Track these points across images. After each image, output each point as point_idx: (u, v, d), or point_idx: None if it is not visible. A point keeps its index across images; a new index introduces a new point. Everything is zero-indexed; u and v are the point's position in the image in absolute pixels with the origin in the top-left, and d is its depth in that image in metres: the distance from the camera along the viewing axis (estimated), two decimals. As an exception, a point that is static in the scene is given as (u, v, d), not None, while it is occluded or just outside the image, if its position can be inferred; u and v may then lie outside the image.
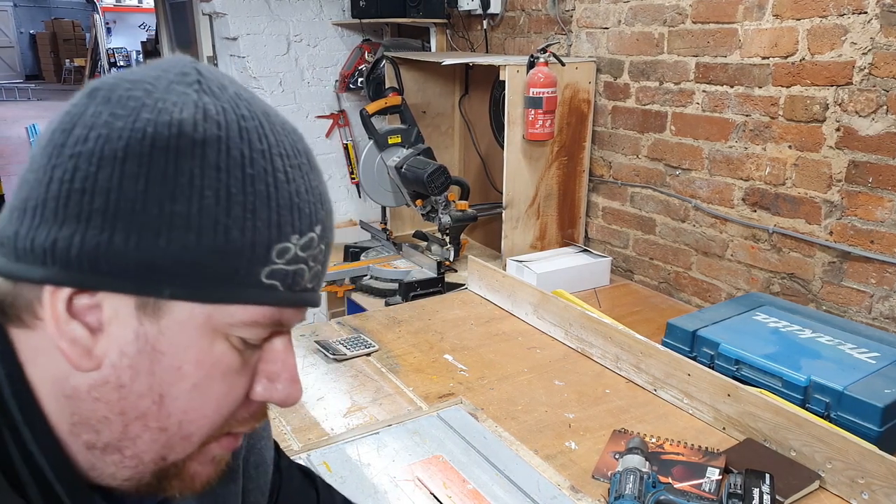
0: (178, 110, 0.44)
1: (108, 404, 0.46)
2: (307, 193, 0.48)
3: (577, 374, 1.55)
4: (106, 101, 0.44)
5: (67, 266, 0.43)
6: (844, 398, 1.28)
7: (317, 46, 3.13)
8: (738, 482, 1.12)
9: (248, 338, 0.48)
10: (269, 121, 0.49)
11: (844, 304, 1.69)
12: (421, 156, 2.45)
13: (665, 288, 2.19)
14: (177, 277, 0.43)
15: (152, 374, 0.45)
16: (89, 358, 0.45)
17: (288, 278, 0.47)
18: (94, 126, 0.44)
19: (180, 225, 0.43)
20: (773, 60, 1.76)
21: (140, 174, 0.42)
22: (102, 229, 0.42)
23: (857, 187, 1.63)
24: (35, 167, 0.45)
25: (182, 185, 0.43)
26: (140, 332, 0.45)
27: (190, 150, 0.43)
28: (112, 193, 0.42)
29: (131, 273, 0.43)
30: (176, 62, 0.48)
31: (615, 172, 2.31)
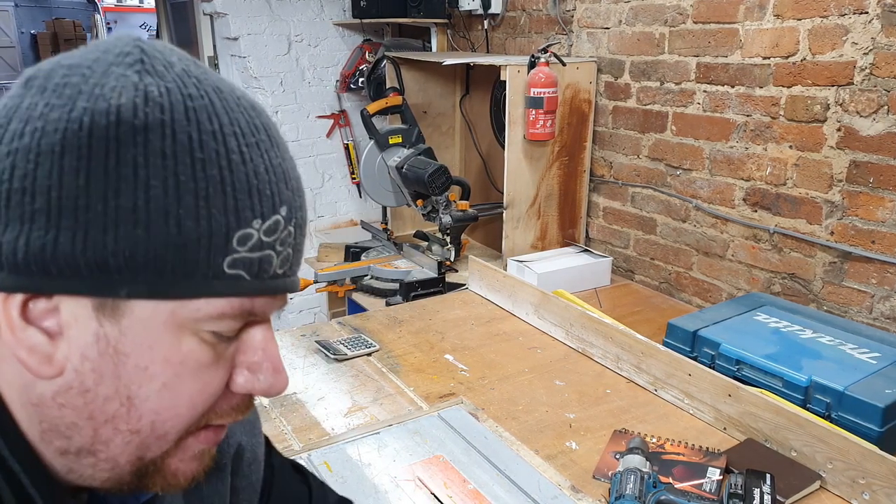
0: (116, 95, 0.41)
1: (75, 410, 0.44)
2: (267, 173, 0.45)
3: (578, 374, 1.55)
4: (41, 91, 0.42)
5: (16, 271, 0.41)
6: (845, 398, 1.28)
7: (318, 46, 3.14)
8: (739, 482, 1.12)
9: (219, 331, 0.45)
10: (222, 97, 0.44)
11: (845, 305, 1.69)
12: (422, 156, 2.45)
13: (666, 288, 2.19)
14: (132, 275, 0.41)
15: (117, 376, 0.43)
16: (50, 365, 0.43)
17: (254, 266, 0.44)
18: (29, 119, 0.41)
19: (128, 219, 0.40)
20: (773, 60, 1.76)
21: (80, 168, 0.40)
22: (47, 230, 0.40)
23: (857, 187, 1.63)
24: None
25: (126, 176, 0.40)
26: (100, 333, 0.42)
27: (131, 138, 0.40)
28: (52, 191, 0.40)
29: (83, 274, 0.41)
30: (117, 42, 0.44)
31: (616, 172, 2.31)
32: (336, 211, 3.36)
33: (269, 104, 3.07)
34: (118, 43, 0.44)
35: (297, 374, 1.53)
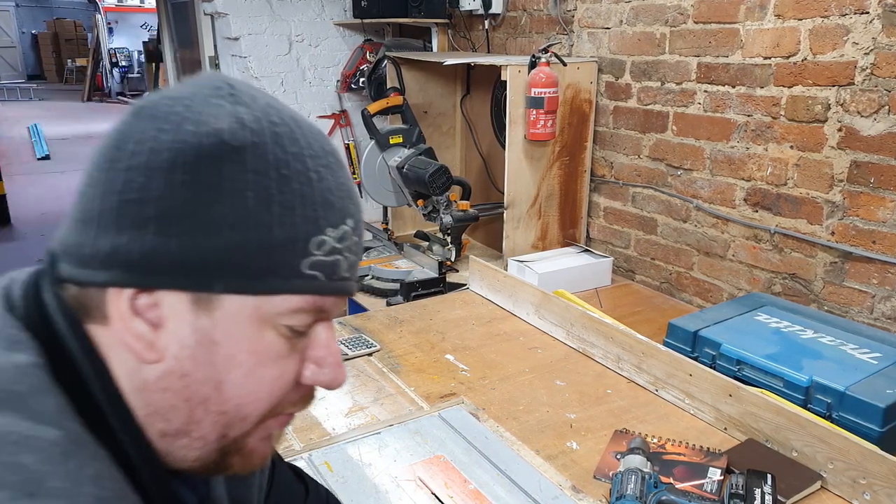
0: (216, 120, 0.48)
1: (175, 393, 0.50)
2: (337, 190, 0.52)
3: (579, 375, 1.55)
4: (151, 118, 0.49)
5: (128, 269, 0.47)
6: (846, 398, 1.28)
7: (318, 46, 3.14)
8: (740, 482, 1.12)
9: (294, 325, 0.52)
10: (298, 125, 0.52)
11: (846, 305, 1.69)
12: (422, 156, 2.45)
13: (666, 288, 2.19)
14: (226, 273, 0.48)
15: (210, 363, 0.50)
16: (153, 350, 0.49)
17: (327, 268, 0.51)
18: (142, 141, 0.48)
19: (226, 225, 0.47)
20: (774, 60, 1.76)
21: (187, 181, 0.47)
22: (157, 234, 0.47)
23: (858, 187, 1.63)
24: (92, 182, 0.49)
25: (225, 188, 0.47)
26: (196, 325, 0.49)
27: (230, 157, 0.47)
28: (163, 201, 0.47)
29: (185, 272, 0.47)
30: (209, 78, 0.52)
31: (616, 172, 2.31)
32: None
33: (270, 104, 3.07)
34: (210, 79, 0.52)
35: (297, 374, 1.52)
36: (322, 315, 0.54)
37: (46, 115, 12.08)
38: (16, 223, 6.00)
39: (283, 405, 0.54)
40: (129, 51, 15.33)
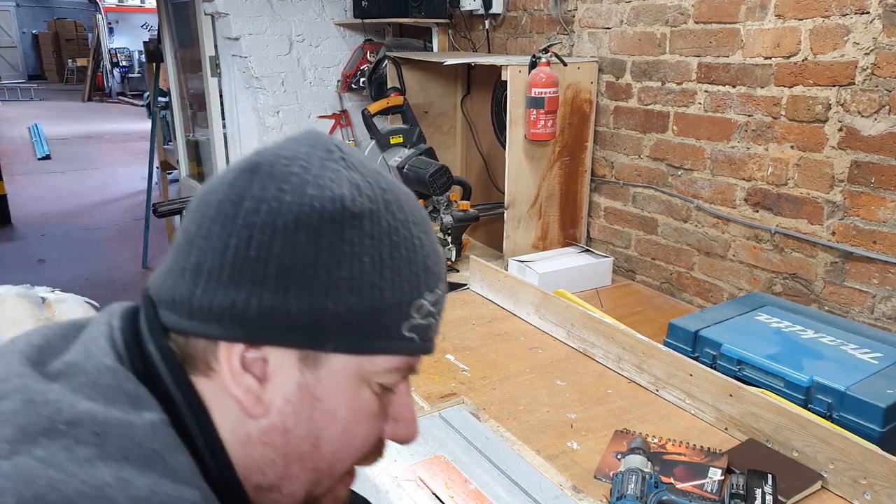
0: (337, 186, 0.50)
1: (275, 448, 0.52)
2: (434, 255, 0.56)
3: (579, 375, 1.55)
4: (269, 177, 0.50)
5: (242, 325, 0.48)
6: (846, 399, 1.28)
7: (319, 46, 3.14)
8: (741, 482, 1.12)
9: (386, 383, 0.54)
10: (400, 192, 0.55)
11: (846, 305, 1.69)
12: (423, 156, 2.45)
13: (667, 288, 2.19)
14: (339, 333, 0.50)
15: (311, 419, 0.51)
16: (260, 405, 0.50)
17: (422, 331, 0.54)
18: (262, 199, 0.49)
19: (344, 287, 0.49)
20: (775, 60, 1.76)
21: (310, 243, 0.48)
22: (277, 292, 0.48)
23: (859, 187, 1.63)
24: (205, 234, 0.49)
25: (345, 252, 0.49)
26: (301, 381, 0.51)
27: (350, 222, 0.49)
28: (286, 260, 0.48)
29: (300, 330, 0.49)
30: (317, 139, 0.54)
31: (617, 172, 2.31)
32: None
33: (271, 104, 3.07)
34: (318, 140, 0.54)
35: (298, 374, 1.53)
36: (409, 373, 0.56)
37: (47, 115, 12.08)
38: (16, 223, 6.00)
39: (357, 462, 0.56)
40: (129, 51, 15.34)
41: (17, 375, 0.47)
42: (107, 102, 15.08)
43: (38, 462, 0.42)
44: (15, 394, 0.46)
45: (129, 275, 5.20)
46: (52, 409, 0.45)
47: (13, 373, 0.48)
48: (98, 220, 6.20)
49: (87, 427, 0.44)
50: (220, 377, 0.50)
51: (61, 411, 0.45)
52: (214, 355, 0.50)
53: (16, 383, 0.47)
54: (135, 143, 9.45)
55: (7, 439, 0.43)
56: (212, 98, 3.28)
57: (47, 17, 18.33)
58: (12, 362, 0.49)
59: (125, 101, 14.94)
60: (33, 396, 0.45)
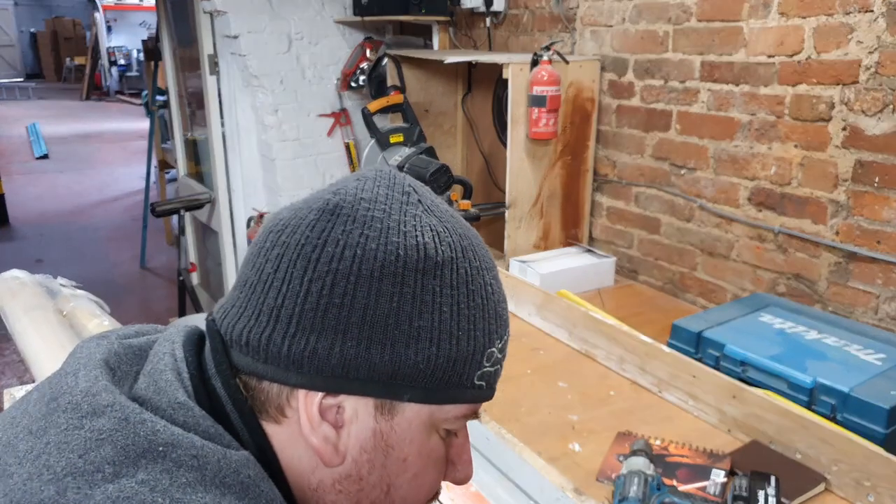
0: (420, 234, 0.50)
1: (349, 496, 0.52)
2: (503, 301, 0.55)
3: (581, 376, 1.54)
4: (352, 220, 0.49)
5: (321, 372, 0.48)
6: (850, 400, 1.27)
7: (318, 44, 3.12)
8: (744, 484, 1.11)
9: (452, 429, 0.55)
10: (472, 235, 0.54)
11: (850, 305, 1.68)
12: (423, 155, 2.44)
13: (670, 289, 2.18)
14: (416, 383, 0.49)
15: (384, 467, 0.51)
16: (337, 454, 0.50)
17: (490, 378, 0.54)
18: (347, 245, 0.48)
19: (425, 338, 0.48)
20: (778, 59, 1.75)
21: (394, 292, 0.48)
22: (359, 341, 0.47)
23: (863, 187, 1.62)
24: (286, 277, 0.48)
25: (427, 302, 0.49)
26: (377, 429, 0.50)
27: (433, 271, 0.49)
28: (369, 309, 0.47)
29: (381, 380, 0.48)
30: (393, 181, 0.53)
31: (619, 172, 2.30)
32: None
33: (270, 103, 3.06)
34: (394, 181, 0.53)
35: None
36: (472, 418, 0.57)
37: (45, 115, 12.06)
38: (14, 223, 5.99)
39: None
40: (127, 49, 15.31)
41: (107, 391, 0.46)
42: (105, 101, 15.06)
43: (142, 487, 0.41)
44: (109, 411, 0.45)
45: (127, 274, 5.19)
46: (148, 430, 0.44)
47: (102, 388, 0.46)
48: (96, 220, 6.19)
49: (185, 450, 0.43)
50: (292, 423, 0.50)
51: (158, 432, 0.44)
52: (288, 402, 0.49)
53: (107, 399, 0.45)
54: (133, 142, 9.44)
55: (109, 460, 0.42)
56: (210, 97, 3.27)
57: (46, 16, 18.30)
58: (98, 376, 0.47)
59: (123, 99, 14.92)
60: (128, 415, 0.44)
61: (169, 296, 4.61)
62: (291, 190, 3.19)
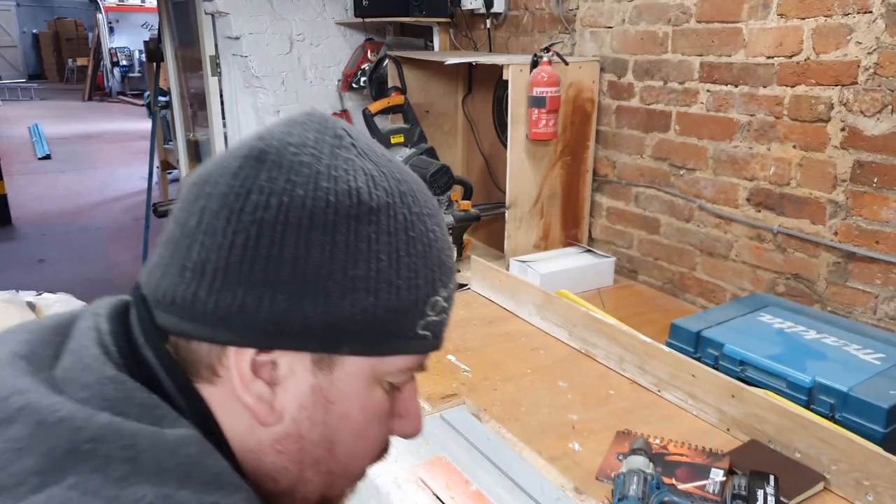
0: (352, 178, 0.47)
1: (289, 455, 0.49)
2: (448, 248, 0.53)
3: (581, 376, 1.55)
4: (278, 167, 0.46)
5: (252, 329, 0.45)
6: (849, 399, 1.27)
7: (319, 45, 3.13)
8: (743, 483, 1.11)
9: (396, 382, 0.52)
10: (413, 180, 0.52)
11: (849, 305, 1.69)
12: (424, 155, 2.45)
13: (669, 288, 2.18)
14: (355, 335, 0.47)
15: (325, 423, 0.49)
16: (272, 412, 0.48)
17: (436, 327, 0.52)
18: (272, 192, 0.45)
19: (362, 288, 0.46)
20: (777, 60, 1.75)
21: (325, 241, 0.45)
22: (290, 294, 0.44)
23: (862, 187, 1.62)
24: (209, 230, 0.45)
25: (362, 250, 0.46)
26: (315, 385, 0.48)
27: (367, 217, 0.46)
28: (299, 260, 0.44)
29: (315, 334, 0.46)
30: (324, 123, 0.50)
31: (619, 172, 2.31)
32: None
33: (271, 104, 3.07)
34: (326, 124, 0.50)
35: (299, 375, 1.52)
36: (419, 370, 0.54)
37: (47, 115, 12.08)
38: (16, 223, 6.00)
39: (370, 462, 0.55)
40: (129, 50, 15.33)
41: (17, 392, 0.43)
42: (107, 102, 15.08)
43: (72, 491, 0.39)
44: (22, 415, 0.41)
45: (129, 275, 5.20)
46: (68, 429, 0.41)
47: (11, 389, 0.43)
48: (98, 220, 6.20)
49: (114, 442, 0.41)
50: (226, 383, 0.47)
51: (80, 430, 0.41)
52: (220, 361, 0.47)
53: (17, 402, 0.42)
54: (135, 143, 9.45)
55: (33, 470, 0.39)
56: (212, 97, 3.28)
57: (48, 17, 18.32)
58: (6, 376, 0.44)
59: (125, 100, 14.94)
60: (43, 417, 0.41)
61: (170, 296, 4.61)
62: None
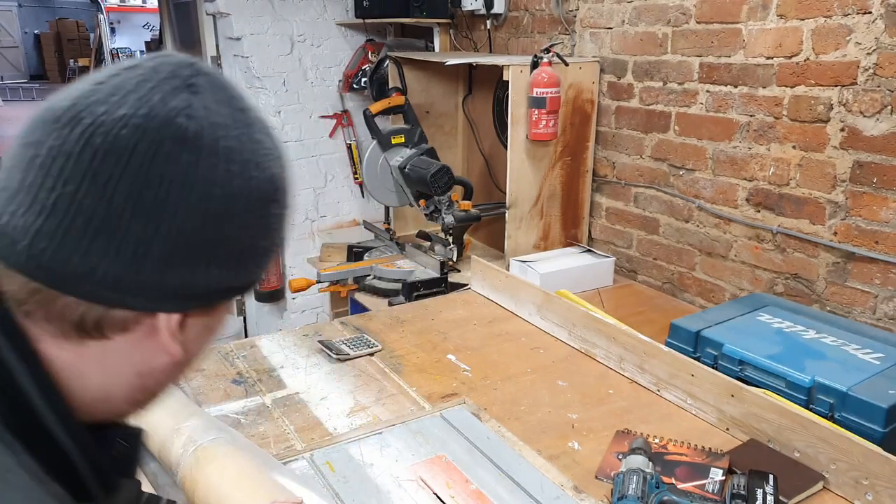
0: (272, 163, 0.55)
1: (170, 380, 0.59)
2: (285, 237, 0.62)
3: (581, 375, 1.55)
4: (214, 154, 0.50)
5: (185, 298, 0.52)
6: (848, 399, 1.28)
7: (320, 46, 3.14)
8: (742, 483, 1.12)
9: None
10: (273, 140, 0.58)
11: (848, 305, 1.69)
12: (424, 156, 2.45)
13: (669, 288, 2.18)
14: (246, 291, 0.58)
15: (206, 342, 0.59)
16: (177, 349, 0.55)
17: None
18: (214, 182, 0.50)
19: (260, 258, 0.56)
20: (777, 60, 1.76)
21: (253, 223, 0.54)
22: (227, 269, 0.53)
23: (861, 188, 1.62)
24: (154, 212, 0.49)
25: (272, 226, 0.56)
26: (203, 324, 0.57)
27: (274, 197, 0.56)
28: (231, 241, 0.52)
29: (224, 297, 0.56)
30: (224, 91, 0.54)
31: (619, 172, 2.31)
32: (339, 211, 3.36)
33: (272, 104, 3.07)
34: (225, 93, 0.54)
35: (299, 374, 1.53)
36: None
37: (49, 115, 12.06)
38: (18, 223, 6.00)
39: None
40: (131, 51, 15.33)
41: None
42: (108, 102, 15.06)
43: None
44: None
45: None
46: None
47: None
48: (100, 220, 6.19)
49: None
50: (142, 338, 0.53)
51: None
52: (137, 321, 0.52)
53: None
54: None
55: None
56: (213, 98, 3.28)
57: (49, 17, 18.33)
58: None
59: (127, 101, 14.91)
60: None
61: (172, 296, 4.62)
62: (293, 190, 3.20)
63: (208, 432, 1.07)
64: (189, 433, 1.07)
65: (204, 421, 1.11)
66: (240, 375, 1.52)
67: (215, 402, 1.39)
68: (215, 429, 1.09)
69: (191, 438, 1.05)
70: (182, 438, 1.06)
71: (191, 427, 1.08)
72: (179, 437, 1.06)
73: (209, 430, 1.08)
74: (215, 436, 1.06)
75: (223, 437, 1.07)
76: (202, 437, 1.05)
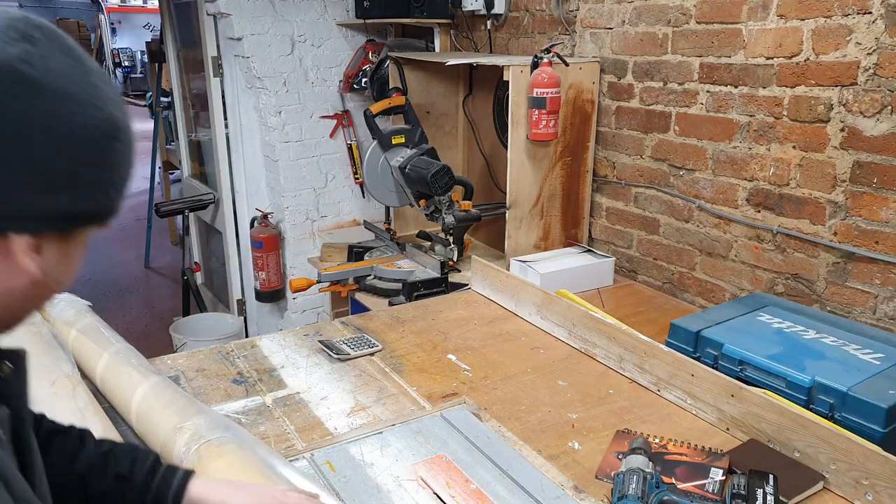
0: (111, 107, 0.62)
1: (35, 300, 0.66)
2: None
3: (581, 375, 1.55)
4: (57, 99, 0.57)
5: (39, 221, 0.59)
6: (848, 399, 1.28)
7: (321, 47, 3.14)
8: (742, 483, 1.12)
9: None
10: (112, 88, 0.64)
11: (849, 305, 1.69)
12: (424, 156, 2.45)
13: (669, 288, 2.19)
14: (95, 221, 0.64)
15: (57, 278, 0.65)
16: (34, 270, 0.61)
17: None
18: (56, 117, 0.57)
19: (108, 186, 0.63)
20: (777, 61, 1.76)
21: (95, 156, 0.61)
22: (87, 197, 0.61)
23: (861, 188, 1.63)
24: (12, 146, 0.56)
25: (115, 161, 0.63)
26: (60, 249, 0.63)
27: (117, 135, 0.62)
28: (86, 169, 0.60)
29: (78, 222, 0.63)
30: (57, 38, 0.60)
31: (619, 172, 2.31)
32: (339, 211, 3.36)
33: (273, 104, 3.08)
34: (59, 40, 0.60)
35: (300, 374, 1.53)
36: None
37: (50, 116, 12.07)
38: (19, 223, 6.00)
39: None
40: (132, 51, 15.35)
41: None
42: (109, 103, 15.07)
43: None
44: None
45: (131, 274, 5.21)
46: None
47: None
48: (100, 220, 6.20)
49: None
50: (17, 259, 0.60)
51: None
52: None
53: None
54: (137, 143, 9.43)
55: None
56: (214, 98, 3.29)
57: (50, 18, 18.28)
58: None
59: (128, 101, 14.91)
60: None
61: (173, 295, 4.63)
62: (294, 190, 3.21)
63: (213, 431, 1.07)
64: (193, 431, 1.07)
65: (210, 419, 1.12)
66: (240, 375, 1.52)
67: (216, 401, 1.40)
68: (222, 427, 1.09)
69: (195, 436, 1.06)
70: (185, 436, 1.06)
71: (195, 425, 1.08)
72: (182, 436, 1.06)
73: (214, 428, 1.08)
74: (221, 434, 1.06)
75: (228, 435, 1.07)
76: (207, 434, 1.06)
